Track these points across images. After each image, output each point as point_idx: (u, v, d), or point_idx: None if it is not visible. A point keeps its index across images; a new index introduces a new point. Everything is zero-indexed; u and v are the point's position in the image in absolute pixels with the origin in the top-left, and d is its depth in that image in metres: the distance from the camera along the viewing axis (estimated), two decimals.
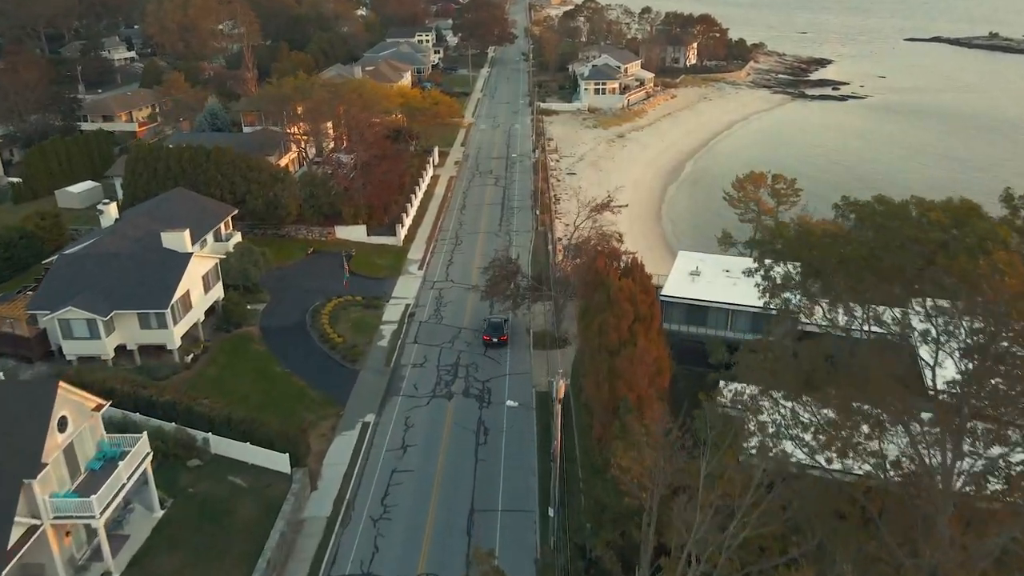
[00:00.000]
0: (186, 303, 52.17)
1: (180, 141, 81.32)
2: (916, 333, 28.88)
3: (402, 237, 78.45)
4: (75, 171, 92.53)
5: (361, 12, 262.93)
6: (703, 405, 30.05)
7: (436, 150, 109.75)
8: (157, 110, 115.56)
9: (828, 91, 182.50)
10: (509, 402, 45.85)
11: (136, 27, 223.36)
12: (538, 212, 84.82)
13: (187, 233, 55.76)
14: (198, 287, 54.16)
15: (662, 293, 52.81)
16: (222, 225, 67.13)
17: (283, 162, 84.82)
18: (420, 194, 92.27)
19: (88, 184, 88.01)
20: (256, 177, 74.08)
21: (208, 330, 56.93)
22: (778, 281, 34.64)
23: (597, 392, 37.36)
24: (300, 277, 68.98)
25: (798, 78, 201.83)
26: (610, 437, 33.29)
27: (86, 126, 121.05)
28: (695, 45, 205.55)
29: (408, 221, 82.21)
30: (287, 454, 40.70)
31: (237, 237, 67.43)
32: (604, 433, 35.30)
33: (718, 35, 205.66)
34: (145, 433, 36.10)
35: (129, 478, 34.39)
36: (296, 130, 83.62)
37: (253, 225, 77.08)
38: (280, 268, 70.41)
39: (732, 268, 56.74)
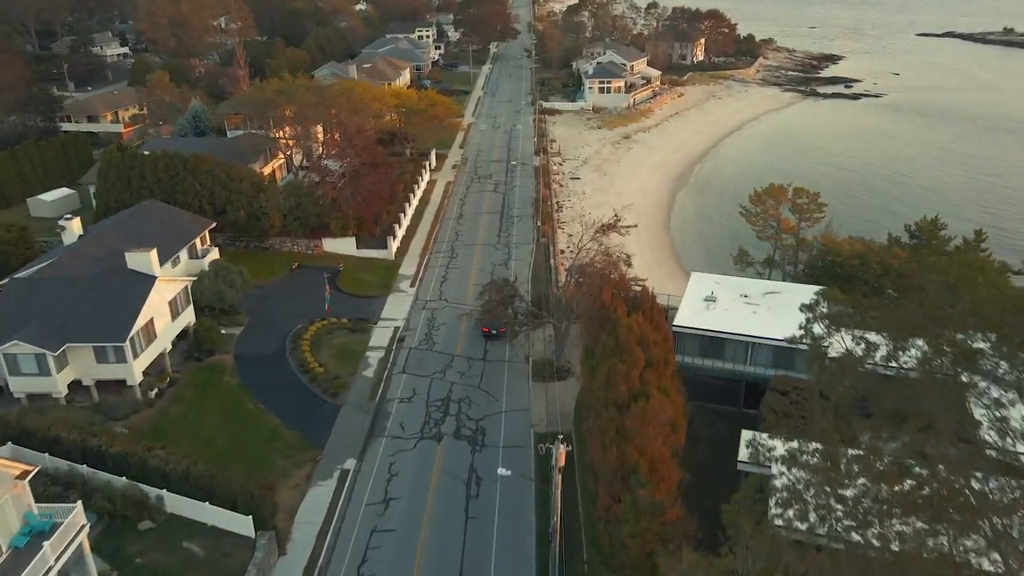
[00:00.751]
0: (149, 333, 47.31)
1: (158, 147, 76.34)
2: None
3: (394, 250, 73.49)
4: (51, 177, 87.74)
5: (360, 6, 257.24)
6: (747, 533, 24.48)
7: (433, 153, 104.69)
8: (145, 110, 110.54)
9: (841, 89, 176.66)
10: (501, 470, 40.64)
11: (131, 22, 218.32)
12: (539, 224, 79.70)
13: (154, 253, 50.93)
14: (164, 314, 49.31)
15: (674, 323, 47.78)
16: (198, 240, 62.25)
17: (268, 169, 79.87)
18: (415, 201, 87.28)
19: (63, 192, 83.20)
20: (237, 187, 69.18)
21: (177, 358, 52.15)
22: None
23: (603, 456, 32.46)
24: (282, 296, 64.09)
25: (809, 75, 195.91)
26: (617, 516, 28.36)
27: (69, 127, 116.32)
28: (703, 41, 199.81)
29: (401, 232, 77.24)
30: (250, 516, 35.84)
31: (214, 253, 62.54)
32: (610, 506, 30.43)
33: (726, 31, 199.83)
34: (79, 504, 31.25)
35: (59, 558, 29.58)
36: (283, 134, 78.73)
37: (235, 238, 72.26)
38: (261, 286, 65.54)
39: (751, 292, 51.70)
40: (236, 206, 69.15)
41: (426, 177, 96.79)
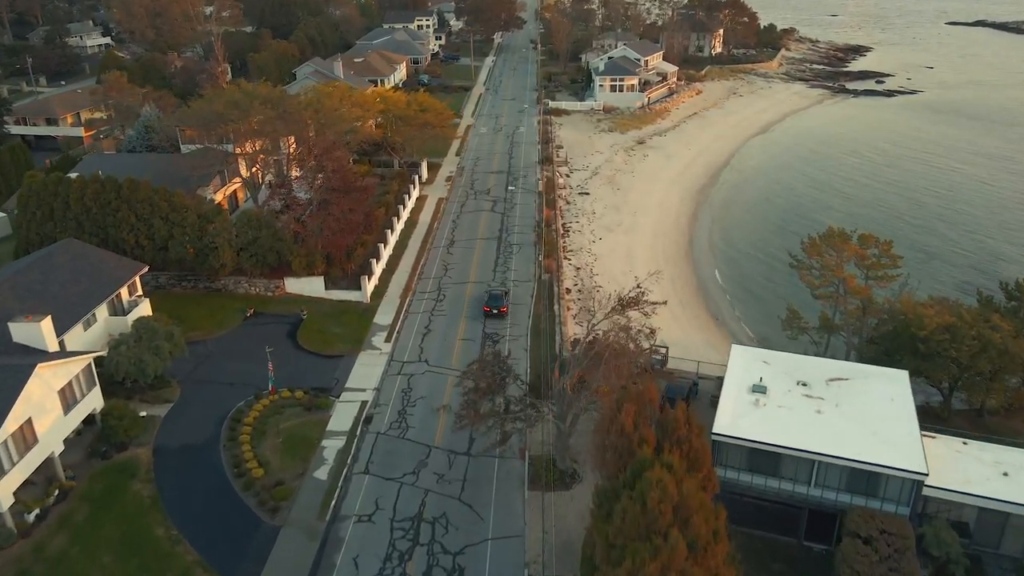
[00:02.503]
0: (26, 439, 36.29)
1: (93, 167, 65.20)
2: None
3: (369, 292, 62.15)
4: None
5: None
6: None
7: (425, 164, 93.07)
8: (105, 113, 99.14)
9: (872, 85, 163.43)
10: None
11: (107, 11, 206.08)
12: (541, 258, 68.07)
13: (47, 323, 39.97)
14: (52, 409, 38.24)
15: (714, 431, 36.32)
16: (125, 289, 51.09)
17: (224, 193, 68.33)
18: (399, 226, 75.83)
19: None
20: (180, 219, 57.93)
21: (78, 455, 41.26)
22: None
23: None
24: (229, 355, 52.93)
25: (836, 69, 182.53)
26: None
27: (21, 130, 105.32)
28: (721, 32, 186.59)
29: (380, 268, 65.87)
30: None
31: (143, 307, 51.35)
32: None
33: (747, 21, 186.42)
34: None
35: None
36: (246, 149, 67.33)
37: (181, 277, 61.12)
38: (205, 341, 54.46)
39: (811, 378, 40.13)
40: (180, 241, 57.97)
41: (415, 193, 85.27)
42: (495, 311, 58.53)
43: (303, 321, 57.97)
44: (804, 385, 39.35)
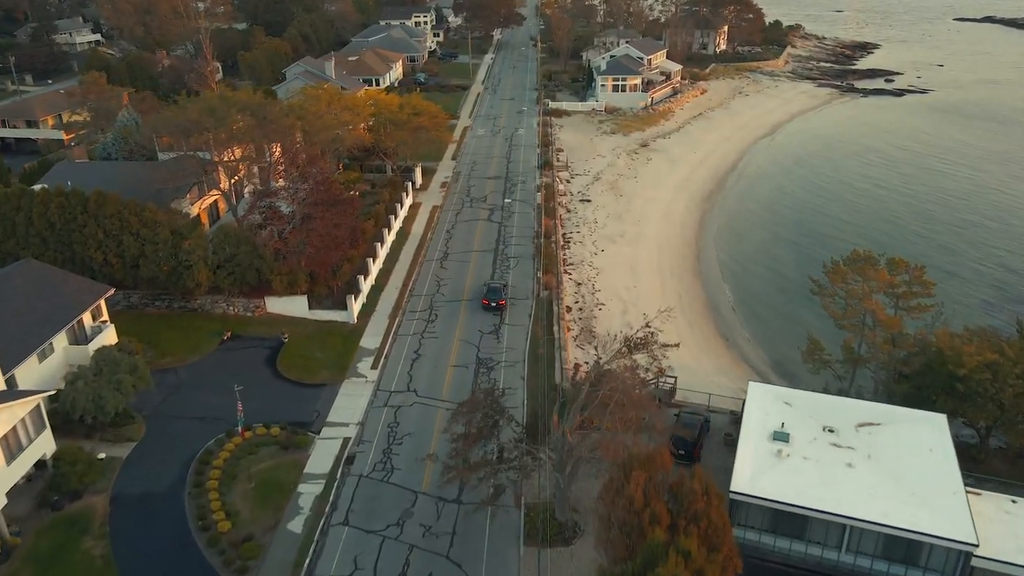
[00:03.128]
0: None
1: (63, 176, 61.15)
2: None
3: (356, 312, 58.12)
4: None
5: None
6: None
7: (419, 170, 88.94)
8: (85, 116, 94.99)
9: (881, 84, 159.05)
10: None
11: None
12: (540, 274, 63.97)
13: None
14: None
15: (732, 489, 32.33)
16: (87, 315, 47.11)
17: (202, 204, 64.17)
18: (390, 238, 71.78)
19: None
20: (152, 235, 53.87)
21: (27, 505, 37.33)
22: None
23: None
24: (202, 385, 48.95)
25: (844, 67, 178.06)
26: None
27: (1, 132, 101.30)
28: (726, 29, 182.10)
29: (368, 285, 61.83)
30: None
31: (107, 333, 47.41)
32: None
33: (752, 17, 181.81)
34: None
35: None
36: (228, 157, 63.17)
37: (155, 296, 57.09)
38: (176, 369, 50.52)
39: (838, 422, 36.13)
40: (152, 259, 53.91)
41: (408, 201, 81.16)
42: (494, 304, 58.62)
43: (284, 345, 53.99)
44: (831, 432, 35.34)
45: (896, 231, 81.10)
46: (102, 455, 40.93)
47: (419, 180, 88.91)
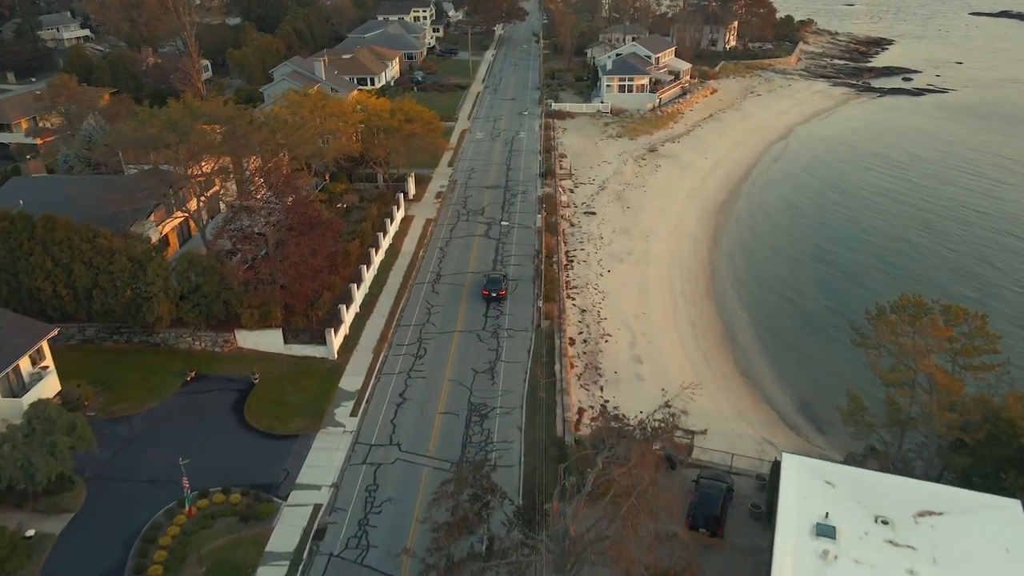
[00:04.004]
0: None
1: (14, 195, 55.48)
2: None
3: (336, 347, 52.45)
4: None
5: None
6: None
7: (412, 179, 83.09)
8: (56, 120, 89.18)
9: (899, 83, 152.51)
10: None
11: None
12: (541, 304, 58.14)
13: None
14: None
15: None
16: (26, 359, 41.55)
17: (166, 227, 58.30)
18: (379, 256, 66.10)
19: None
20: (106, 264, 48.26)
21: None
22: None
23: None
24: (158, 437, 43.38)
25: (859, 64, 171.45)
26: None
27: None
28: (736, 24, 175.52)
29: (351, 315, 56.15)
30: None
31: (48, 381, 41.87)
32: None
33: (764, 12, 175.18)
34: None
35: None
36: (201, 170, 57.39)
37: (113, 329, 51.49)
38: (130, 417, 44.97)
39: (891, 509, 30.38)
40: (107, 291, 48.32)
41: (399, 215, 75.42)
42: (494, 294, 58.64)
43: (254, 386, 48.39)
44: (885, 524, 29.61)
45: (926, 254, 74.75)
46: (31, 532, 35.43)
47: (412, 190, 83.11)
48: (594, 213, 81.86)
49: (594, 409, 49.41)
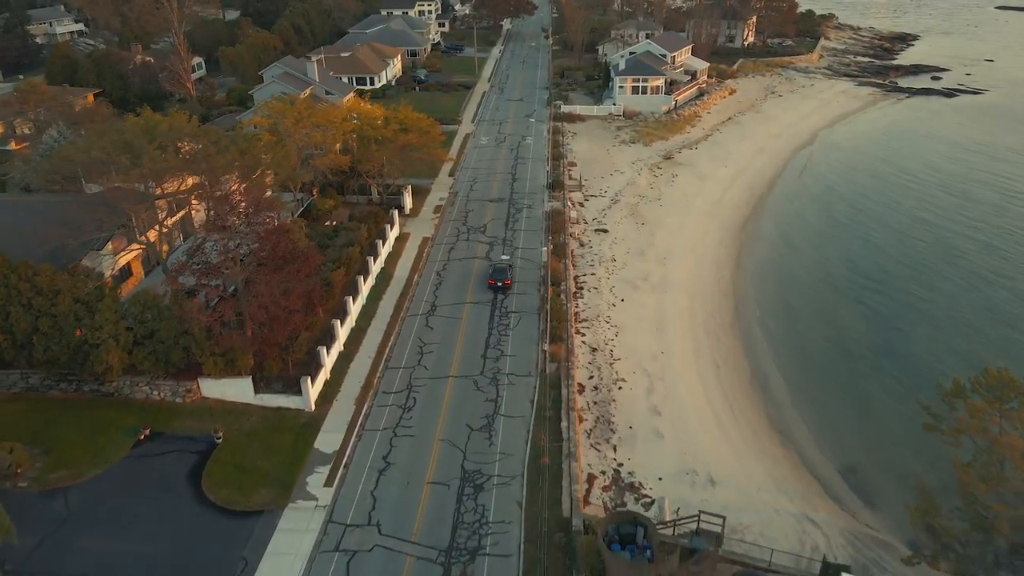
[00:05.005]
0: None
1: None
2: None
3: (314, 397, 46.22)
4: None
5: None
6: None
7: (409, 192, 76.65)
8: (28, 128, 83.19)
9: (928, 82, 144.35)
10: None
11: None
12: (547, 347, 51.60)
13: None
14: None
15: None
16: None
17: (131, 255, 51.92)
18: (369, 283, 59.78)
19: None
20: (48, 306, 42.12)
21: None
22: None
23: None
24: (98, 517, 37.30)
25: (884, 62, 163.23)
26: None
27: None
28: (754, 19, 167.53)
29: (333, 356, 49.85)
30: None
31: None
32: None
33: (785, 6, 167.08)
34: None
35: None
36: (173, 189, 51.05)
37: (60, 376, 45.40)
38: (67, 489, 38.90)
39: None
40: (49, 337, 42.20)
41: (393, 232, 69.05)
42: (500, 283, 58.99)
43: (216, 447, 42.25)
44: None
45: (984, 285, 67.26)
46: None
47: (409, 204, 76.69)
48: (606, 231, 75.16)
49: (606, 475, 43.11)
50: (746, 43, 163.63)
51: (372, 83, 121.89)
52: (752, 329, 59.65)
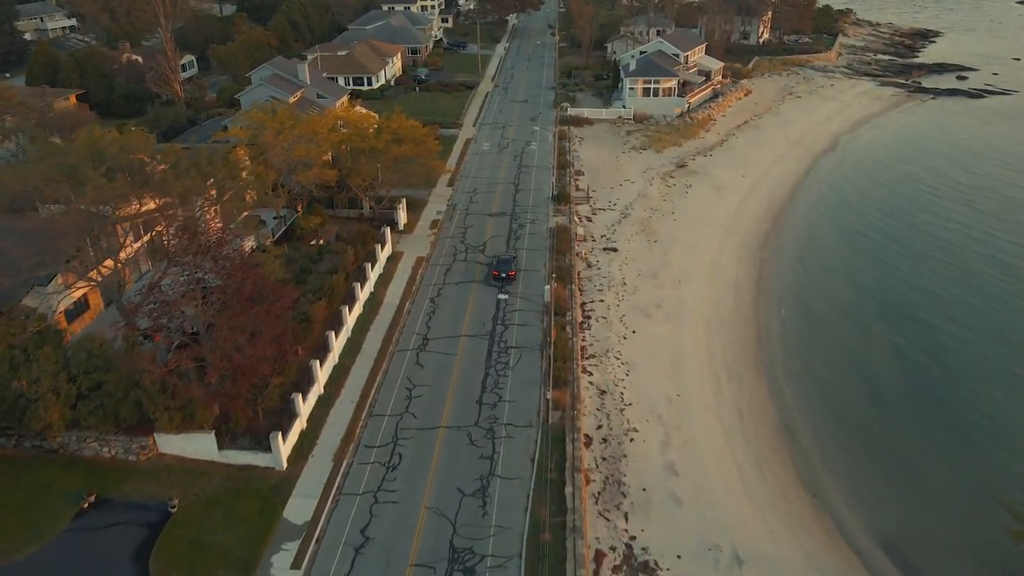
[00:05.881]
0: None
1: None
2: None
3: (286, 454, 40.84)
4: None
5: None
6: None
7: (403, 206, 71.12)
8: None
9: (953, 82, 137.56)
10: None
11: None
12: (549, 394, 45.99)
13: None
14: None
15: None
16: None
17: (80, 291, 46.45)
18: (355, 312, 54.31)
19: None
20: None
21: None
22: None
23: None
24: None
25: (906, 61, 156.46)
26: None
27: None
28: (769, 15, 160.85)
29: (310, 402, 44.45)
30: None
31: None
32: None
33: (802, 1, 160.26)
34: None
35: None
36: (136, 210, 45.53)
37: None
38: None
39: None
40: None
41: (385, 252, 63.61)
42: (504, 275, 58.98)
43: (171, 516, 36.95)
44: None
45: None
46: None
47: (403, 218, 71.21)
48: (616, 249, 69.41)
49: (616, 552, 37.59)
50: (761, 40, 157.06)
51: (370, 83, 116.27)
52: (776, 365, 53.93)
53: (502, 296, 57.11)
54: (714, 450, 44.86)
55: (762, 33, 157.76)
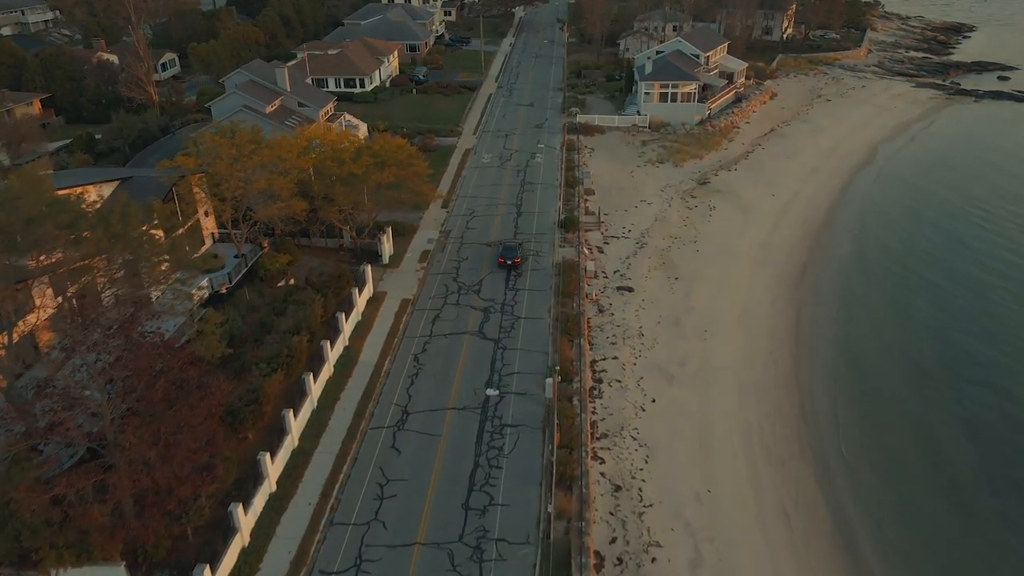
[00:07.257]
0: None
1: None
2: None
3: None
4: None
5: None
6: None
7: (388, 236, 62.25)
8: None
9: (995, 82, 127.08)
10: None
11: None
12: (551, 508, 37.13)
13: None
14: None
15: None
16: None
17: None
18: (323, 377, 45.58)
19: None
20: None
21: None
22: None
23: None
24: None
25: (941, 58, 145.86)
26: None
27: None
28: (793, 9, 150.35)
29: (253, 512, 35.86)
30: None
31: None
32: None
33: None
34: None
35: None
36: (47, 262, 36.60)
37: None
38: None
39: None
40: None
41: (364, 295, 54.85)
42: (509, 262, 58.36)
43: None
44: None
45: None
46: None
47: (388, 250, 62.36)
48: (631, 289, 60.37)
49: None
50: (785, 36, 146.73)
51: (362, 85, 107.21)
52: (826, 445, 44.89)
53: (491, 392, 46.41)
54: (756, 571, 36.02)
55: (786, 28, 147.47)
